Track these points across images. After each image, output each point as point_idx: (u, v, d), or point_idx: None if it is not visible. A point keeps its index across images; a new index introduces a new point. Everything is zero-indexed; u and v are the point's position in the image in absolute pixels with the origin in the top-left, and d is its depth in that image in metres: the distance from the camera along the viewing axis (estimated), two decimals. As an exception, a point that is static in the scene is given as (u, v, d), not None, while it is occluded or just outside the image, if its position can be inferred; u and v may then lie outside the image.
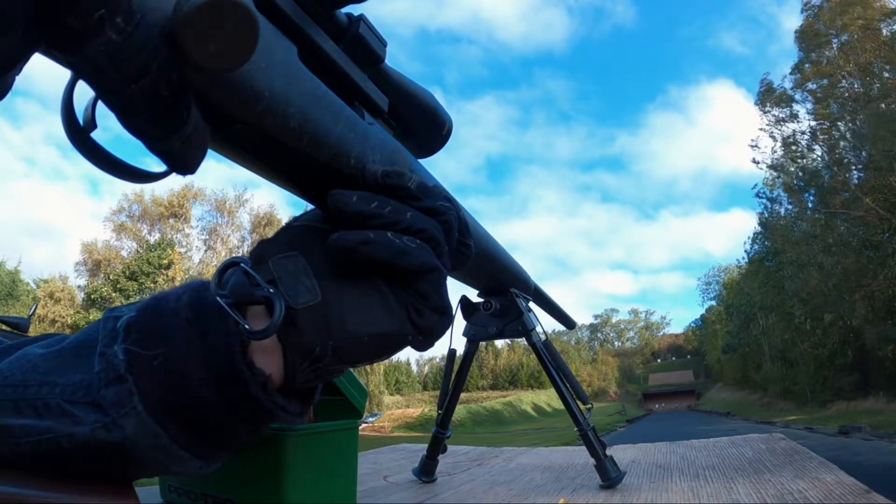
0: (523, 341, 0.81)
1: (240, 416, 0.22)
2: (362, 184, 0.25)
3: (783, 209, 20.87)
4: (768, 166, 20.00)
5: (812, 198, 18.94)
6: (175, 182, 27.64)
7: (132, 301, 0.26)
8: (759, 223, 22.73)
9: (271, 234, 0.26)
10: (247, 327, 0.21)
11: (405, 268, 0.23)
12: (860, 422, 10.07)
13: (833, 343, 19.36)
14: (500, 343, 39.77)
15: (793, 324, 21.39)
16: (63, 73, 0.19)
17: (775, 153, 19.62)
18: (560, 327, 1.81)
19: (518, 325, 0.79)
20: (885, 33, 16.16)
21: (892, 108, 14.93)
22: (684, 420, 21.71)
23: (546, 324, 0.88)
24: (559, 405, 1.13)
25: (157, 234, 23.25)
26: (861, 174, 16.92)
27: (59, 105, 0.20)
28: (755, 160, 20.07)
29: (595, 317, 62.40)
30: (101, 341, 0.21)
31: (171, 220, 23.72)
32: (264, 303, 0.22)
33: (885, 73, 16.19)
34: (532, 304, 0.84)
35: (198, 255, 24.18)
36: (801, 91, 18.88)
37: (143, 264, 20.96)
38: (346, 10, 0.25)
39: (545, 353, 0.80)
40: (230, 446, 0.23)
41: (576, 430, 0.78)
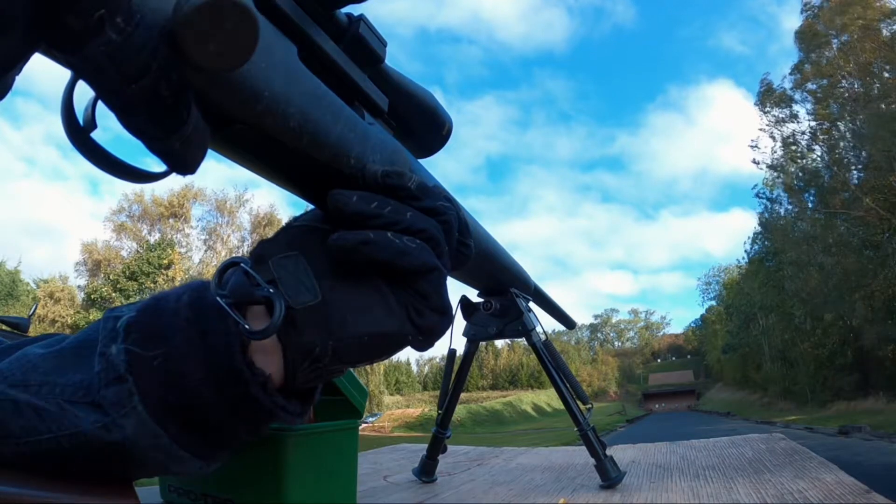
0: (523, 341, 0.81)
1: (240, 416, 0.22)
2: (362, 184, 0.25)
3: (783, 209, 20.90)
4: (768, 166, 20.01)
5: (812, 198, 18.95)
6: (175, 182, 27.67)
7: (132, 301, 0.26)
8: (759, 223, 22.77)
9: (271, 234, 0.26)
10: (247, 327, 0.21)
11: (405, 268, 0.23)
12: (860, 422, 10.07)
13: (833, 343, 19.37)
14: (500, 343, 39.79)
15: (793, 324, 21.41)
16: (63, 73, 0.19)
17: (775, 153, 19.65)
18: (560, 327, 1.81)
19: (518, 325, 0.79)
20: (885, 33, 16.15)
21: (892, 108, 14.91)
22: (684, 420, 21.71)
23: (546, 324, 0.88)
24: (559, 405, 1.13)
25: (157, 234, 23.26)
26: (861, 174, 16.93)
27: (59, 105, 0.20)
28: (755, 160, 20.11)
29: (595, 317, 62.50)
30: (101, 341, 0.21)
31: (172, 220, 23.71)
32: (264, 303, 0.22)
33: (885, 73, 16.19)
34: (532, 304, 0.84)
35: (198, 255, 24.21)
36: (800, 91, 18.90)
37: (143, 264, 20.96)
38: (346, 10, 0.25)
39: (545, 353, 0.80)
40: (230, 446, 0.23)
41: (576, 430, 0.78)
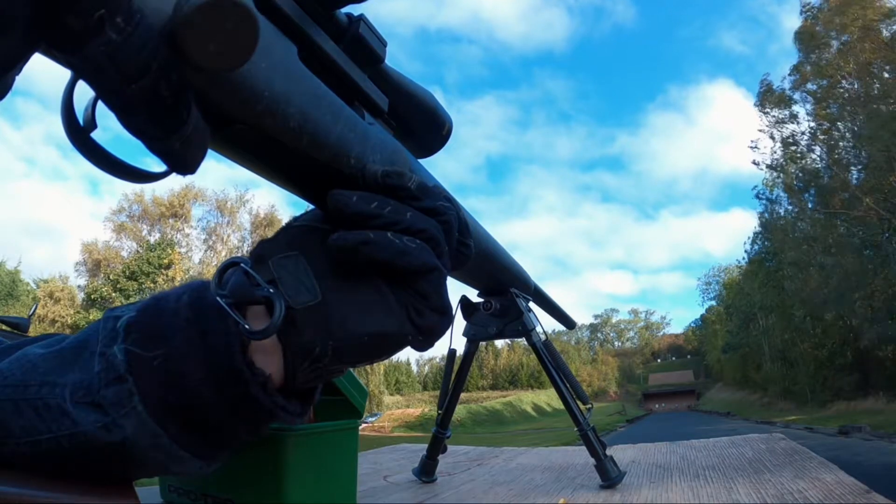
0: (523, 341, 0.81)
1: (240, 416, 0.22)
2: (362, 184, 0.25)
3: (783, 209, 20.89)
4: (768, 167, 19.99)
5: (812, 198, 18.93)
6: (175, 182, 27.68)
7: (132, 301, 0.26)
8: (760, 223, 22.78)
9: (271, 234, 0.26)
10: (247, 327, 0.21)
11: (405, 268, 0.23)
12: (860, 422, 10.09)
13: (833, 343, 19.39)
14: (500, 343, 39.80)
15: (793, 324, 21.42)
16: (63, 73, 0.19)
17: (775, 154, 19.63)
18: (560, 327, 1.81)
19: (518, 325, 0.79)
20: (884, 34, 16.14)
21: (891, 108, 14.91)
22: (684, 420, 21.72)
23: (546, 324, 0.88)
24: (559, 405, 1.13)
25: (157, 234, 23.28)
26: (861, 174, 16.92)
27: (59, 105, 0.20)
28: (755, 161, 20.09)
29: (595, 317, 62.54)
30: (100, 341, 0.21)
31: (172, 220, 23.73)
32: (264, 303, 0.22)
33: (884, 74, 16.18)
34: (532, 304, 0.84)
35: (198, 255, 24.23)
36: (800, 92, 18.90)
37: (143, 264, 20.97)
38: (346, 10, 0.25)
39: (545, 353, 0.80)
40: (230, 446, 0.23)
41: (576, 430, 0.78)
